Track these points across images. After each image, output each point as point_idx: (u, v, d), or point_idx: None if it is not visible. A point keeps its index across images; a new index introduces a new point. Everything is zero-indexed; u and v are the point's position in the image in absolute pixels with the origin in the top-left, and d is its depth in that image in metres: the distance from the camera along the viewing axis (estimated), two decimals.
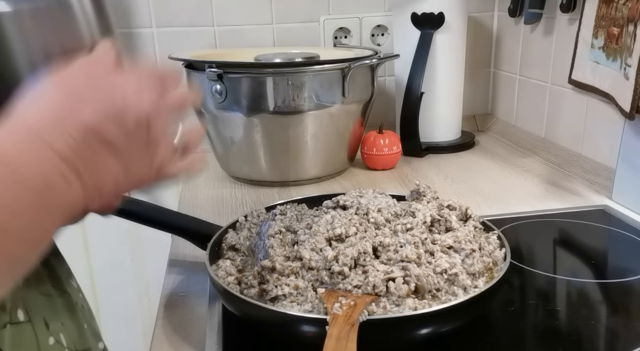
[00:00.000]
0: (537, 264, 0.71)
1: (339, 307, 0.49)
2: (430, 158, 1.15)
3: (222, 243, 0.65)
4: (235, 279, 0.57)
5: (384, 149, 1.07)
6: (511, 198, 0.92)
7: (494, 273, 0.57)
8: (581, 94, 1.01)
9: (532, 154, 1.15)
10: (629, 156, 0.85)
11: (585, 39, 0.96)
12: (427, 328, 0.51)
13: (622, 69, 0.84)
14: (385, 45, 1.28)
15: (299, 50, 1.07)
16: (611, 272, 0.71)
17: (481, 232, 0.65)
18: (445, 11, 1.11)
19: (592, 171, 0.97)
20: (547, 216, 0.85)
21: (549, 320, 0.59)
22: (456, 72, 1.19)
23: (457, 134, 1.24)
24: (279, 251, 0.58)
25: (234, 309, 0.57)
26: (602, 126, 0.96)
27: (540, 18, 1.12)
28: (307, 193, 0.97)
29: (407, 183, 1.00)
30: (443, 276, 0.54)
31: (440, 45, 1.13)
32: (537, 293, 0.65)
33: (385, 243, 0.56)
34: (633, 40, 0.80)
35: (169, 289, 0.68)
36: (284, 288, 0.53)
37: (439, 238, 0.59)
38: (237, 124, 0.97)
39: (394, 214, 0.64)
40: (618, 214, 0.84)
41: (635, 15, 0.80)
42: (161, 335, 0.59)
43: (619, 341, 0.56)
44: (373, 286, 0.52)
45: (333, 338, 0.45)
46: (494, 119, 1.36)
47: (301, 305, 0.52)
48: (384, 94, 1.31)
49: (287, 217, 0.67)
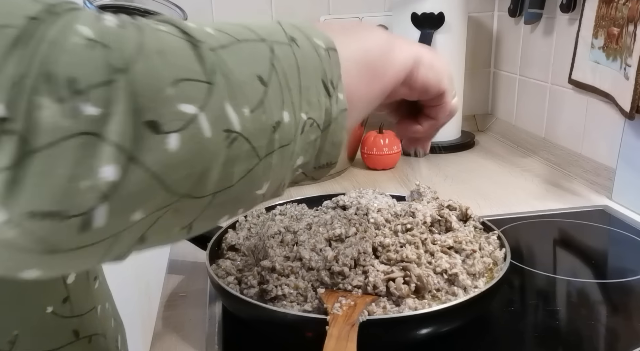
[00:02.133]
0: (537, 264, 0.71)
1: (339, 307, 0.49)
2: (430, 158, 1.15)
3: (222, 243, 0.65)
4: (235, 279, 0.57)
5: (384, 149, 1.07)
6: (511, 198, 0.92)
7: (494, 273, 0.57)
8: (581, 94, 1.01)
9: (532, 154, 1.15)
10: (629, 156, 0.85)
11: (585, 39, 0.96)
12: (427, 328, 0.51)
13: (622, 69, 0.84)
14: None
15: None
16: (611, 272, 0.71)
17: (481, 232, 0.65)
18: (445, 11, 1.11)
19: (592, 171, 0.97)
20: (547, 216, 0.85)
21: (549, 320, 0.58)
22: (456, 72, 1.19)
23: (457, 134, 1.24)
24: (279, 251, 0.58)
25: (234, 309, 0.57)
26: (602, 126, 0.96)
27: (540, 18, 1.12)
28: (307, 193, 0.96)
29: (407, 183, 1.00)
30: (443, 276, 0.54)
31: (440, 45, 1.13)
32: (537, 293, 0.65)
33: (385, 243, 0.56)
34: (633, 40, 0.80)
35: (169, 289, 0.68)
36: (284, 288, 0.53)
37: (439, 238, 0.59)
38: None
39: (394, 214, 0.64)
40: (618, 214, 0.84)
41: (635, 15, 0.80)
42: (161, 335, 0.59)
43: (619, 341, 0.56)
44: (373, 286, 0.52)
45: (333, 338, 0.45)
46: (494, 119, 1.36)
47: (301, 305, 0.52)
48: None
49: (286, 217, 0.67)
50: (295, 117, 0.30)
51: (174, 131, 0.24)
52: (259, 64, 0.29)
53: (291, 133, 0.30)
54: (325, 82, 0.32)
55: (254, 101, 0.28)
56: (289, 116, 0.30)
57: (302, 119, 0.31)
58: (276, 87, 0.29)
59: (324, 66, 0.33)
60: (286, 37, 0.32)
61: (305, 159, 0.33)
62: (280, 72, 0.30)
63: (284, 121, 0.30)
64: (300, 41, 0.32)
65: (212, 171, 0.26)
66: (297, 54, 0.31)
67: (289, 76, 0.30)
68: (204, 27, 0.28)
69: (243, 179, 0.28)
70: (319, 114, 0.32)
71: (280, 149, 0.30)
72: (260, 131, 0.28)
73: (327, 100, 0.32)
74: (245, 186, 0.29)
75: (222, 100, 0.26)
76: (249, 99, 0.28)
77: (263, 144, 0.29)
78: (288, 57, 0.31)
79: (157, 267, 0.73)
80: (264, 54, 0.30)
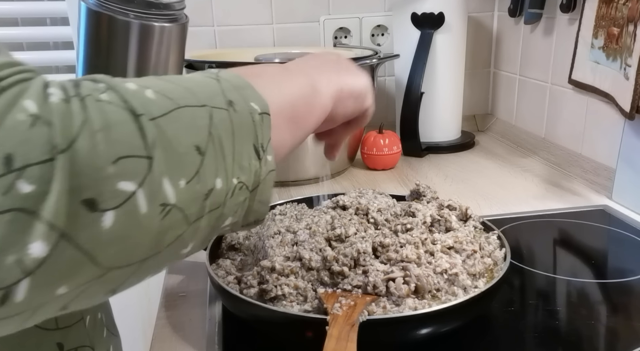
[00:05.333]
0: (537, 264, 0.71)
1: (339, 307, 0.49)
2: (430, 158, 1.15)
3: (222, 243, 0.65)
4: (235, 279, 0.57)
5: (384, 149, 1.07)
6: (511, 198, 0.92)
7: (494, 273, 0.57)
8: (581, 94, 1.01)
9: (532, 154, 1.15)
10: (629, 156, 0.85)
11: (585, 39, 0.95)
12: (427, 328, 0.51)
13: (622, 69, 0.84)
14: (385, 45, 1.28)
15: (299, 51, 1.07)
16: (611, 272, 0.71)
17: (481, 232, 0.65)
18: (445, 11, 1.11)
19: (592, 171, 0.97)
20: (547, 216, 0.85)
21: (549, 320, 0.58)
22: (456, 72, 1.19)
23: (457, 134, 1.24)
24: (279, 251, 0.58)
25: (234, 309, 0.57)
26: (602, 126, 0.96)
27: (540, 18, 1.12)
28: (307, 193, 0.97)
29: (407, 183, 1.00)
30: (443, 276, 0.54)
31: (440, 45, 1.13)
32: (537, 293, 0.65)
33: (385, 243, 0.56)
34: (633, 40, 0.80)
35: (169, 289, 0.68)
36: (284, 288, 0.53)
37: (439, 238, 0.59)
38: None
39: (393, 214, 0.64)
40: (618, 214, 0.84)
41: (635, 15, 0.80)
42: (161, 335, 0.59)
43: (619, 341, 0.56)
44: (373, 286, 0.52)
45: (333, 338, 0.45)
46: (494, 119, 1.36)
47: (301, 305, 0.52)
48: (384, 94, 1.31)
49: (286, 217, 0.67)
50: (227, 183, 0.31)
51: (111, 208, 0.25)
52: (197, 133, 0.30)
53: (222, 198, 0.31)
54: (257, 146, 0.34)
55: (191, 172, 0.29)
56: (222, 182, 0.31)
57: (234, 183, 0.32)
58: (212, 156, 0.30)
59: (257, 130, 0.34)
60: (225, 101, 0.32)
61: (234, 219, 0.34)
62: (217, 140, 0.31)
63: (217, 188, 0.31)
64: (237, 105, 0.33)
65: (144, 243, 0.27)
66: (234, 120, 0.32)
67: (224, 143, 0.31)
68: (144, 91, 0.28)
69: (172, 245, 0.29)
70: (249, 177, 0.33)
71: (209, 213, 0.31)
72: (193, 200, 0.29)
73: (257, 163, 0.34)
74: (172, 250, 0.29)
75: (161, 175, 0.27)
76: (185, 171, 0.28)
77: (194, 211, 0.29)
78: (225, 123, 0.32)
79: None
80: (203, 122, 0.30)
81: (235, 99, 0.33)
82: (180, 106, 0.29)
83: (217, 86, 0.33)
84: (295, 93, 0.40)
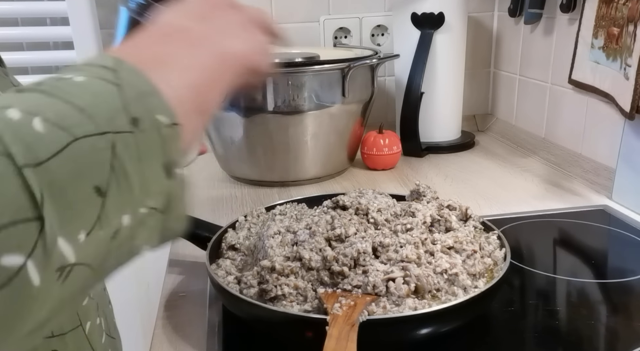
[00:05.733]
0: (537, 264, 0.71)
1: (339, 307, 0.49)
2: (430, 158, 1.15)
3: (222, 243, 0.65)
4: (235, 279, 0.57)
5: (384, 149, 1.07)
6: (511, 198, 0.92)
7: (494, 273, 0.57)
8: (581, 94, 1.01)
9: (532, 154, 1.15)
10: (629, 156, 0.85)
11: (585, 39, 0.95)
12: (427, 328, 0.51)
13: (622, 69, 0.84)
14: (385, 45, 1.28)
15: (299, 50, 1.07)
16: (611, 272, 0.71)
17: (481, 232, 0.65)
18: (445, 11, 1.11)
19: (592, 171, 0.97)
20: (547, 216, 0.85)
21: (549, 320, 0.58)
22: (456, 72, 1.19)
23: (457, 134, 1.24)
24: (279, 251, 0.58)
25: (234, 309, 0.57)
26: (602, 126, 0.96)
27: (540, 18, 1.12)
28: (307, 193, 0.97)
29: (407, 183, 1.00)
30: (443, 276, 0.54)
31: (440, 45, 1.13)
32: (537, 293, 0.65)
33: (385, 243, 0.56)
34: (633, 40, 0.80)
35: (169, 289, 0.68)
36: (284, 288, 0.53)
37: (439, 238, 0.59)
38: (237, 124, 0.97)
39: (393, 214, 0.64)
40: (618, 214, 0.84)
41: (635, 15, 0.80)
42: (161, 335, 0.59)
43: (619, 341, 0.56)
44: (373, 286, 0.52)
45: (333, 338, 0.45)
46: (494, 119, 1.36)
47: (301, 305, 0.52)
48: (384, 94, 1.31)
49: (286, 217, 0.67)
50: (135, 215, 0.28)
51: None
52: (97, 171, 0.26)
53: (131, 232, 0.28)
54: (167, 165, 0.30)
55: (91, 221, 0.25)
56: (129, 218, 0.28)
57: (143, 213, 0.29)
58: (115, 194, 0.26)
59: (166, 147, 0.30)
60: (128, 120, 0.28)
61: (149, 244, 0.31)
62: (121, 173, 0.27)
63: (124, 225, 0.27)
64: (143, 123, 0.28)
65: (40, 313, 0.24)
66: (140, 143, 0.28)
67: (129, 173, 0.27)
68: (32, 122, 0.24)
69: (75, 295, 0.26)
70: (160, 200, 0.30)
71: (118, 251, 0.28)
72: (97, 249, 0.26)
73: (167, 182, 0.30)
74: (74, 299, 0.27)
75: (54, 236, 0.23)
76: (84, 221, 0.25)
77: (99, 259, 0.26)
78: (129, 151, 0.27)
79: (157, 267, 0.73)
80: (104, 155, 0.26)
81: (140, 115, 0.28)
82: (77, 137, 0.25)
83: (118, 98, 0.28)
84: (203, 77, 0.36)
